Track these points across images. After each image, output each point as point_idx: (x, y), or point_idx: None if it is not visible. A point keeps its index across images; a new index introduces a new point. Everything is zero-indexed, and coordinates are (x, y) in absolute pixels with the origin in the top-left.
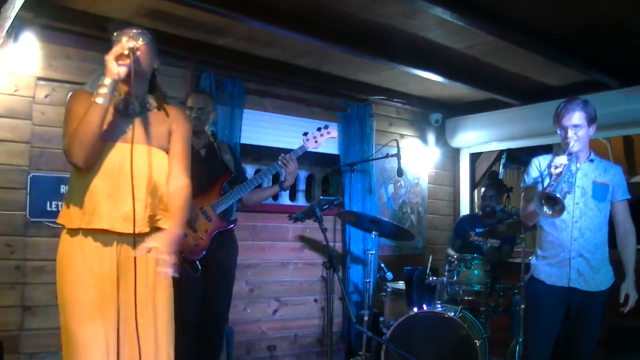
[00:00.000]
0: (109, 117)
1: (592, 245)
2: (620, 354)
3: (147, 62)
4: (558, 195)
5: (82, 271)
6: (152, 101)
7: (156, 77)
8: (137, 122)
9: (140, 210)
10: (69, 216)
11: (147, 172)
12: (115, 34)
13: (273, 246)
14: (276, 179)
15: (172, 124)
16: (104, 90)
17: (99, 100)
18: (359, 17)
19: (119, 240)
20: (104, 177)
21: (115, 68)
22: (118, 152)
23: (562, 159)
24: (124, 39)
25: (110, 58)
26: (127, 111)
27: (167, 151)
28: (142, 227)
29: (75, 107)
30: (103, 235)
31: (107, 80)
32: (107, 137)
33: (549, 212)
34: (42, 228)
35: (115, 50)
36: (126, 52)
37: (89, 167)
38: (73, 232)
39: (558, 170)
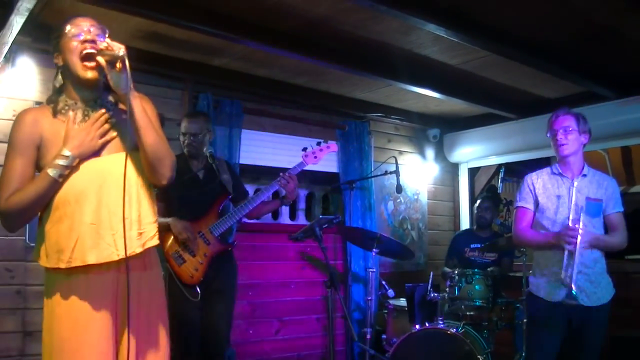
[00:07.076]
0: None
1: (589, 260)
2: None
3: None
4: (573, 287)
5: (82, 313)
6: (110, 98)
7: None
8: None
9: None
10: (44, 255)
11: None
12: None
13: (274, 266)
14: (275, 196)
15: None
16: (62, 162)
17: (55, 175)
18: (355, 35)
19: (115, 265)
20: (81, 205)
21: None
22: (93, 173)
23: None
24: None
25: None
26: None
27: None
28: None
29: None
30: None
31: (66, 152)
32: None
33: None
34: None
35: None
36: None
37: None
38: (53, 272)
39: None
